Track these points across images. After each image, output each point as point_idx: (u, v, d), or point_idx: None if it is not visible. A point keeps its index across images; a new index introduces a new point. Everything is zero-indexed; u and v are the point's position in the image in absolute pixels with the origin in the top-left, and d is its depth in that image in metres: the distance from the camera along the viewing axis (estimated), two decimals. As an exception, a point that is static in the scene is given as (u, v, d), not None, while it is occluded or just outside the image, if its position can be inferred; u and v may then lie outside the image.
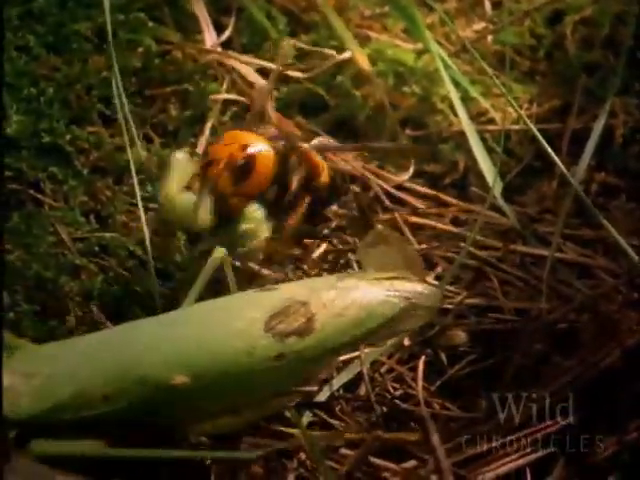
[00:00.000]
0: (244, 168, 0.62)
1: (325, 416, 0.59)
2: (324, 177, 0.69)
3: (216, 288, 0.60)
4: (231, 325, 0.52)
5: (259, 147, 0.63)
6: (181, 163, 0.63)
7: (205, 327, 0.52)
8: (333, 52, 0.81)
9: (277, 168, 0.65)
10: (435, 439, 0.50)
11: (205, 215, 0.61)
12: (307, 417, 0.59)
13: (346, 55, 0.82)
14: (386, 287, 0.55)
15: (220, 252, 0.57)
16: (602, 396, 0.60)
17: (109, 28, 0.70)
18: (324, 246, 0.72)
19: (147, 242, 0.64)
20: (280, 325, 0.52)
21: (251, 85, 0.79)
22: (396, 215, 0.75)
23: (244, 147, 0.63)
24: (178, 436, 0.52)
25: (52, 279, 0.62)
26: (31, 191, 0.67)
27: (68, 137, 0.70)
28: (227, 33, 0.82)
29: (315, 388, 0.61)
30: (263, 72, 0.80)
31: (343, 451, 0.55)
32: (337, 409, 0.59)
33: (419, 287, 0.56)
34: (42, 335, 0.59)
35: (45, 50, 0.73)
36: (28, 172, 0.67)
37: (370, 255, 0.58)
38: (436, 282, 0.65)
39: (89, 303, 0.61)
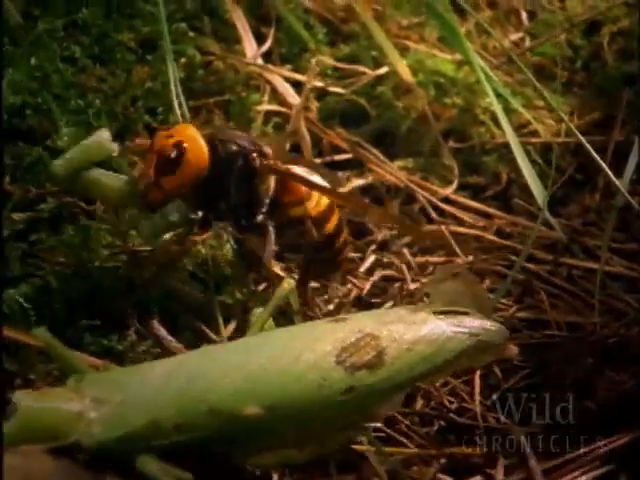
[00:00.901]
0: (170, 163, 0.58)
1: (389, 431, 0.59)
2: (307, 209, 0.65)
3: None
4: (303, 356, 0.52)
5: (193, 146, 0.59)
6: (97, 139, 0.60)
7: (276, 357, 0.52)
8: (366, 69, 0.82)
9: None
10: (533, 463, 0.50)
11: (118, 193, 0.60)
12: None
13: (382, 70, 0.82)
14: (454, 323, 0.55)
15: (288, 283, 0.57)
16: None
17: (167, 38, 0.70)
18: (372, 258, 0.73)
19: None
20: (351, 358, 0.52)
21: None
22: (442, 228, 0.75)
23: (178, 143, 0.59)
24: (249, 464, 0.52)
25: (110, 293, 0.62)
26: (82, 204, 0.67)
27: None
28: (267, 44, 0.82)
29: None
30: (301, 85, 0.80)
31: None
32: (402, 425, 0.59)
33: (486, 324, 0.56)
34: (103, 350, 0.59)
35: (91, 61, 0.72)
36: (79, 185, 0.67)
37: (439, 290, 0.59)
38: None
39: (149, 317, 0.61)
